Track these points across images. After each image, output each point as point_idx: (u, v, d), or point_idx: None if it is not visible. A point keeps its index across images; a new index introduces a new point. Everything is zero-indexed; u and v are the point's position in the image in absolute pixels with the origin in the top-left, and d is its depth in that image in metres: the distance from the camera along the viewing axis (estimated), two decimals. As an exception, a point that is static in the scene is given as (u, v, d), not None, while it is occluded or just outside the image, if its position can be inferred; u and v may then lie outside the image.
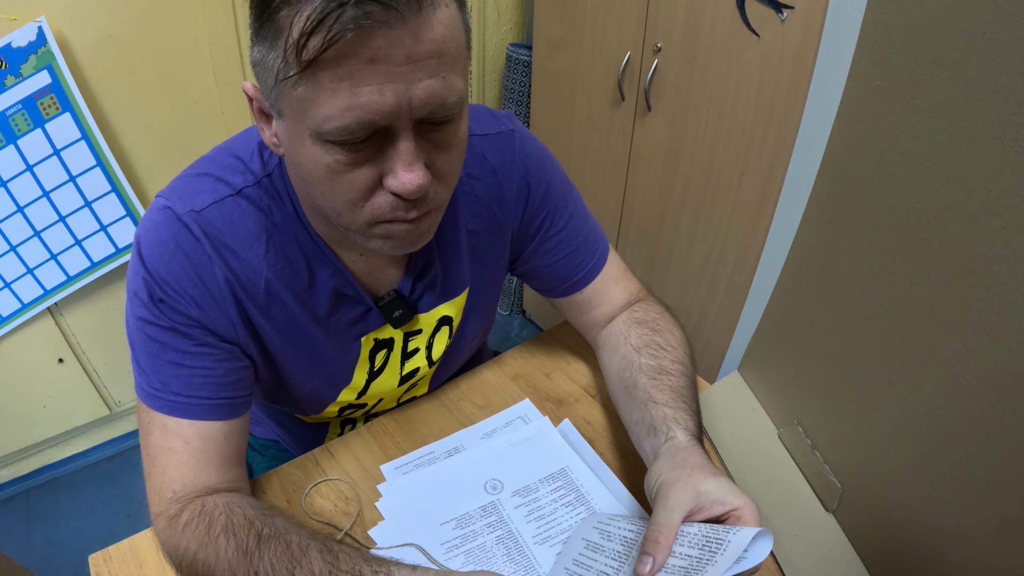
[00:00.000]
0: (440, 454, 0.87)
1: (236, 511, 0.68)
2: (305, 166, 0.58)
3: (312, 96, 0.53)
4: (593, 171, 1.90)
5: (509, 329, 2.54)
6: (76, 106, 1.48)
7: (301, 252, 0.72)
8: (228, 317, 0.70)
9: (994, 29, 0.50)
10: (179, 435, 0.70)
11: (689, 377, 0.81)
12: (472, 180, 0.80)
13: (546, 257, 0.88)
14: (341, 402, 0.87)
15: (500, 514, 0.78)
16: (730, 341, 1.70)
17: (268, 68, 0.54)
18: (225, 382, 0.71)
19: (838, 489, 0.76)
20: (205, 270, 0.67)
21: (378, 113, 0.53)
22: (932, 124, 0.58)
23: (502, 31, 2.17)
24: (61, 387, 1.86)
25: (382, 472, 0.84)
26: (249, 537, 0.64)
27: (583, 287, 0.90)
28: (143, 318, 0.68)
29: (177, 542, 0.67)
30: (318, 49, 0.50)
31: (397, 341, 0.84)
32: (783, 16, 1.24)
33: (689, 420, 0.74)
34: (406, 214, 0.60)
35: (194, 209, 0.67)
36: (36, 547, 1.79)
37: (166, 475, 0.70)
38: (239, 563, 0.63)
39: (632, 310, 0.90)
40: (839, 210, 0.73)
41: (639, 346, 0.84)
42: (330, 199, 0.60)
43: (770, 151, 1.38)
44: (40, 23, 1.38)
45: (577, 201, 0.89)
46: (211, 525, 0.66)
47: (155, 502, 0.71)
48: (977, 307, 0.56)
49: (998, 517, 0.56)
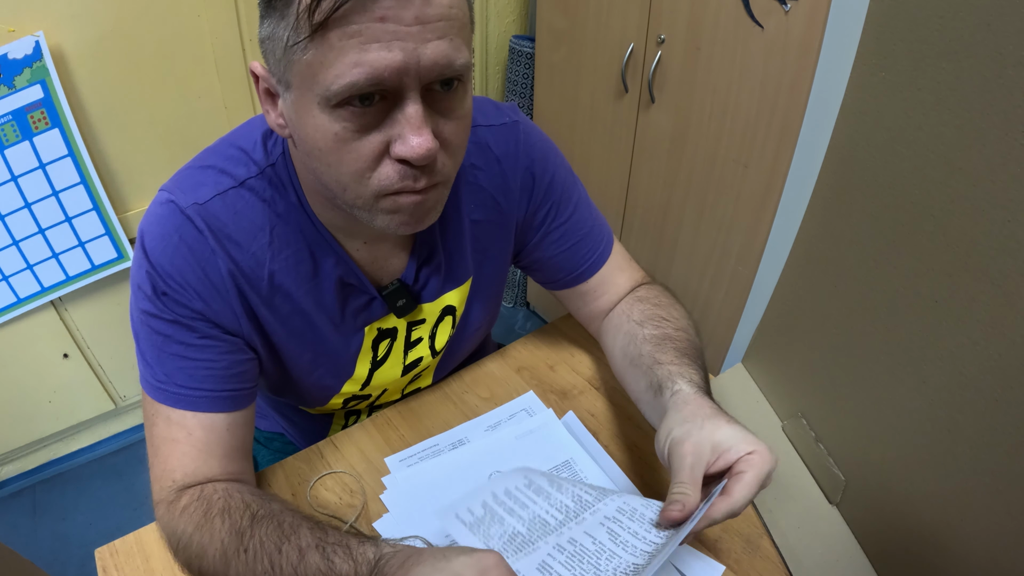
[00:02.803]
0: (444, 446, 0.87)
1: (235, 496, 0.68)
2: (312, 137, 0.58)
3: (321, 59, 0.53)
4: (597, 163, 1.90)
5: (513, 321, 2.55)
6: (65, 124, 1.49)
7: (305, 242, 0.72)
8: (232, 309, 0.70)
9: (999, 21, 0.50)
10: (182, 426, 0.70)
11: (693, 342, 0.81)
12: (476, 170, 0.80)
13: (551, 248, 0.88)
14: (345, 393, 0.87)
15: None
16: (734, 333, 1.70)
17: (277, 40, 0.55)
18: (229, 374, 0.71)
19: (842, 481, 0.76)
20: (208, 263, 0.68)
21: (387, 70, 0.53)
22: (936, 116, 0.58)
23: (505, 23, 2.16)
24: (66, 382, 1.87)
25: (386, 464, 0.85)
26: (243, 518, 0.65)
27: (588, 278, 0.90)
28: (147, 311, 0.68)
29: (175, 526, 0.68)
30: (329, 10, 0.50)
31: (400, 331, 0.84)
32: (787, 7, 1.23)
33: (695, 374, 0.74)
34: (415, 183, 0.60)
35: (197, 202, 0.67)
36: (42, 541, 1.80)
37: (167, 464, 0.70)
38: (231, 542, 0.63)
39: (634, 292, 0.91)
40: (843, 202, 0.73)
41: (642, 320, 0.84)
42: (336, 171, 0.60)
43: (774, 143, 1.38)
44: (38, 38, 1.38)
45: (581, 192, 0.89)
46: (208, 508, 0.67)
47: (156, 490, 0.72)
48: (982, 299, 0.56)
49: (1002, 510, 0.56)
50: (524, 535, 0.65)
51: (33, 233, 1.58)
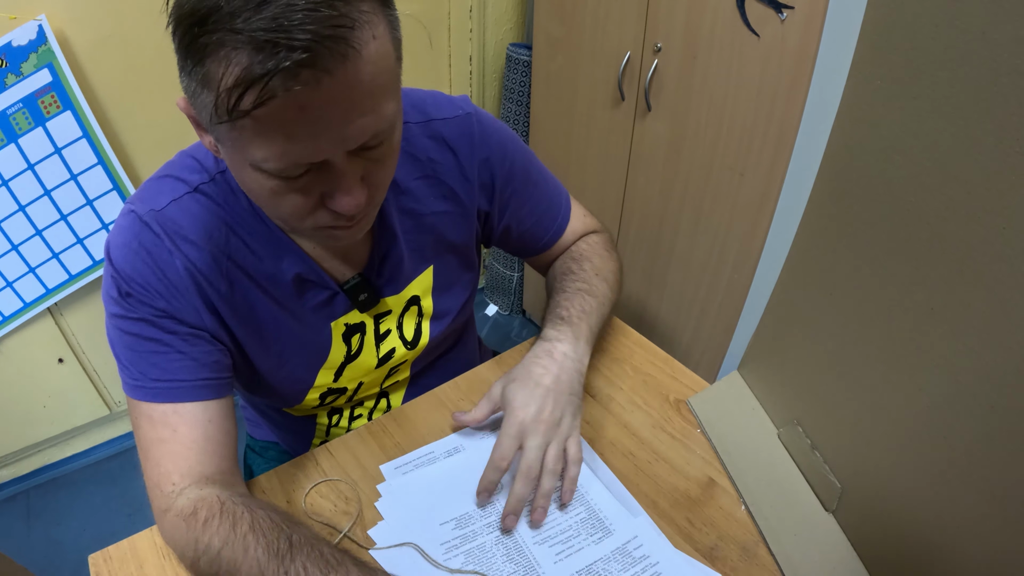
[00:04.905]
0: (440, 454, 0.87)
1: (258, 512, 0.68)
2: (247, 185, 0.62)
3: (248, 139, 0.55)
4: (593, 171, 1.90)
5: (509, 329, 2.55)
6: (77, 104, 1.48)
7: (260, 242, 0.75)
8: (193, 306, 0.72)
9: (994, 29, 0.50)
10: (165, 424, 0.72)
11: (582, 293, 0.92)
12: (434, 164, 0.83)
13: (516, 228, 0.96)
14: (320, 386, 0.88)
15: (499, 514, 0.78)
16: (730, 341, 1.70)
17: (202, 104, 0.55)
18: (200, 364, 0.73)
19: (838, 489, 0.76)
20: (167, 264, 0.70)
21: (314, 155, 0.56)
22: (932, 124, 0.58)
23: (502, 31, 2.17)
24: (61, 387, 1.86)
25: (381, 472, 0.84)
26: (279, 540, 0.64)
27: (552, 245, 1.00)
28: (115, 314, 0.71)
29: (197, 538, 0.67)
30: (250, 105, 0.51)
31: (368, 325, 0.87)
32: (783, 16, 1.24)
33: (550, 328, 0.88)
34: (347, 223, 0.65)
35: (154, 208, 0.71)
36: (36, 547, 1.79)
37: (161, 467, 0.71)
38: (269, 563, 0.63)
39: (575, 244, 1.02)
40: (839, 210, 0.73)
41: (555, 274, 0.99)
42: (274, 213, 0.66)
43: (770, 151, 1.38)
44: (40, 21, 1.38)
45: (538, 168, 0.96)
46: (235, 523, 0.66)
47: (156, 496, 0.71)
48: (977, 307, 0.56)
49: (998, 517, 0.56)
50: None
51: (56, 220, 1.58)
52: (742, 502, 0.81)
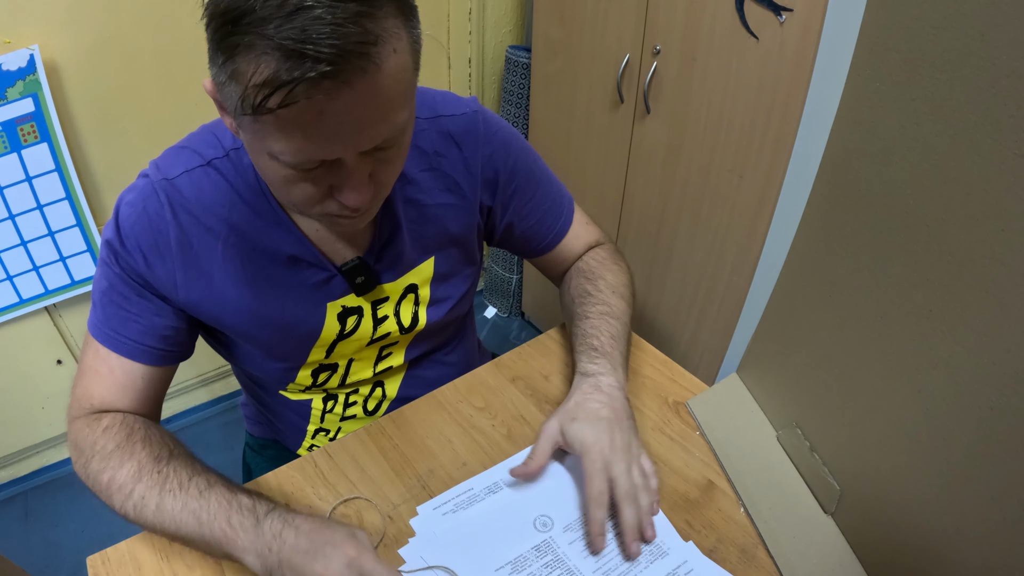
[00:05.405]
0: (479, 491, 0.83)
1: (154, 431, 0.79)
2: (262, 169, 0.66)
3: (268, 132, 0.58)
4: (592, 173, 1.90)
5: (508, 331, 2.54)
6: (55, 139, 1.50)
7: (264, 220, 0.79)
8: (173, 279, 0.78)
9: (993, 31, 0.50)
10: (106, 363, 0.80)
11: (605, 315, 0.94)
12: (440, 157, 0.87)
13: (519, 226, 0.98)
14: (312, 363, 0.91)
15: (555, 552, 0.76)
16: (729, 343, 1.70)
17: (228, 94, 0.58)
18: (154, 334, 0.80)
19: (837, 491, 0.76)
20: (161, 233, 0.76)
21: (327, 154, 0.60)
22: (931, 126, 0.58)
23: (501, 33, 2.17)
24: (59, 388, 1.86)
25: (418, 513, 0.81)
26: (163, 450, 0.76)
27: (554, 247, 1.02)
28: (104, 260, 0.78)
29: (94, 439, 0.77)
30: (275, 106, 0.55)
31: (366, 309, 0.89)
32: (782, 18, 1.24)
33: (584, 359, 0.90)
34: (352, 213, 0.68)
35: (166, 177, 0.76)
36: (34, 548, 1.79)
37: (88, 389, 0.81)
38: (147, 463, 0.74)
39: (583, 258, 1.04)
40: (838, 212, 0.73)
41: (573, 297, 0.99)
42: (284, 198, 0.69)
43: (769, 153, 1.38)
44: (33, 51, 1.39)
45: (541, 168, 0.98)
46: (131, 433, 0.77)
47: (74, 407, 0.82)
48: (976, 309, 0.56)
49: (997, 519, 0.56)
50: None
51: (15, 244, 1.59)
52: (741, 504, 0.81)
